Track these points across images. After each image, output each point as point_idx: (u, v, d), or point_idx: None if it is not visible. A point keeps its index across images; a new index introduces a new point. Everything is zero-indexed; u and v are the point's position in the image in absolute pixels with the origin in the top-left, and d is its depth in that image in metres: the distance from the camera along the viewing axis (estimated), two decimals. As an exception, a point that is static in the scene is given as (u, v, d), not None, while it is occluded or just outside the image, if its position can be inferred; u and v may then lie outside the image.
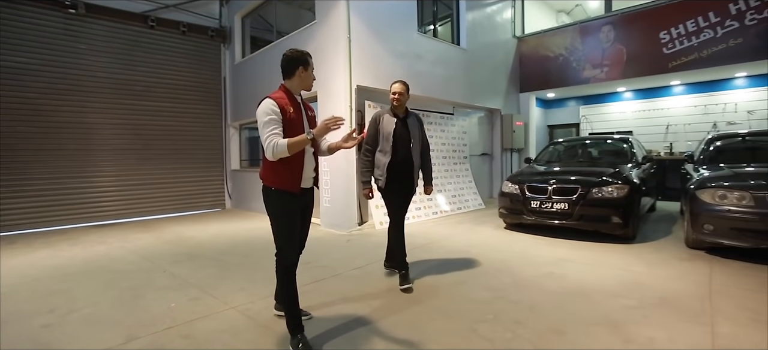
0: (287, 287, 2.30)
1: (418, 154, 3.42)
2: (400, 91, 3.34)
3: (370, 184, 3.42)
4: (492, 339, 2.34)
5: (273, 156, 2.14)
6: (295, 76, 2.36)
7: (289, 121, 2.25)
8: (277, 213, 2.32)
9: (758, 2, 6.77)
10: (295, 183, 2.31)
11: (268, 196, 2.33)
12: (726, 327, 2.43)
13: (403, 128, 3.35)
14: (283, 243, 2.30)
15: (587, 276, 3.46)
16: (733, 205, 3.84)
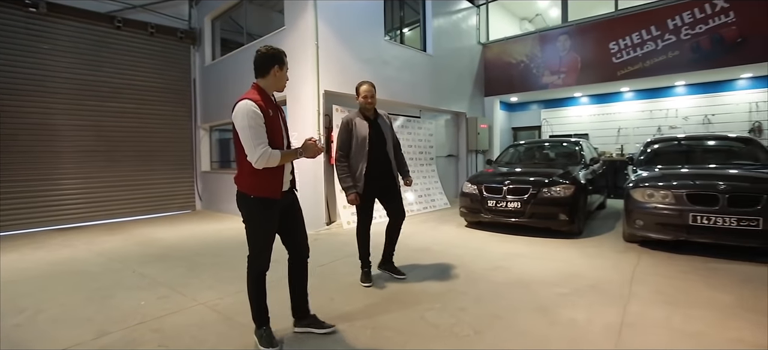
0: (257, 287, 2.32)
1: (392, 152, 3.48)
2: (372, 94, 3.35)
3: (353, 189, 3.30)
4: (437, 324, 2.64)
5: (262, 165, 2.09)
6: (270, 75, 2.28)
7: (269, 124, 2.18)
8: (254, 221, 2.25)
9: (691, 19, 7.47)
10: (276, 190, 2.25)
11: (245, 203, 2.24)
12: (637, 307, 2.83)
13: (377, 130, 3.38)
14: (258, 252, 2.27)
15: (531, 269, 3.84)
16: (658, 203, 4.33)
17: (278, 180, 2.25)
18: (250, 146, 2.08)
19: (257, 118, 2.11)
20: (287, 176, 2.35)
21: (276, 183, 2.24)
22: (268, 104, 2.23)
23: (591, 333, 2.45)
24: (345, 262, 4.17)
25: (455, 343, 2.37)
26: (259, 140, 2.09)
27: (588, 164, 6.19)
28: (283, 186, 2.30)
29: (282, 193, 2.30)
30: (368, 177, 3.31)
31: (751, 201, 3.87)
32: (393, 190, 3.49)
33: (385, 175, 3.42)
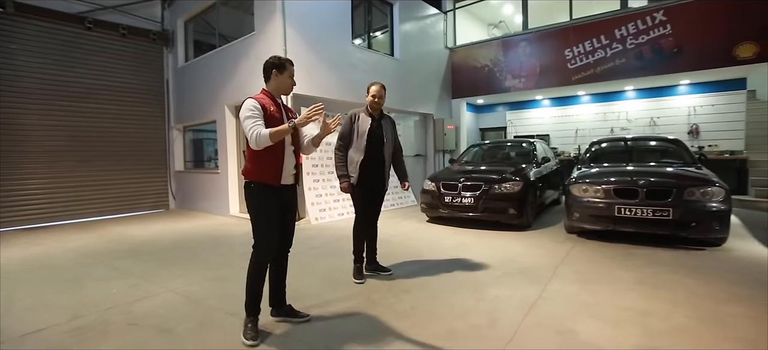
0: (256, 277, 2.46)
1: (389, 155, 3.57)
2: (380, 94, 3.46)
3: (347, 178, 3.46)
4: (381, 303, 3.02)
5: (257, 144, 2.28)
6: (271, 79, 2.55)
7: (270, 117, 2.41)
8: (256, 208, 2.44)
9: (635, 30, 8.14)
10: (275, 176, 2.44)
11: (249, 192, 2.45)
12: (555, 285, 3.29)
13: (378, 129, 3.49)
14: (261, 238, 2.43)
15: (475, 257, 4.27)
16: (591, 197, 4.85)
17: (276, 167, 2.44)
18: (247, 131, 2.32)
19: (254, 111, 2.36)
20: (289, 169, 2.51)
21: (273, 169, 2.43)
22: (271, 103, 2.48)
23: (508, 306, 2.88)
24: (307, 255, 4.50)
25: (391, 316, 2.75)
26: (253, 123, 2.31)
27: (540, 163, 6.70)
28: (282, 175, 2.47)
29: (281, 183, 2.48)
30: (362, 171, 3.41)
31: (664, 194, 4.44)
32: (379, 193, 3.59)
33: (378, 174, 3.51)
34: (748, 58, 7.19)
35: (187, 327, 2.66)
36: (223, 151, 7.58)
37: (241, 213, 7.34)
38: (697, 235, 4.39)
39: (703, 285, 3.24)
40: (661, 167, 5.25)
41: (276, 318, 2.71)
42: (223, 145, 7.56)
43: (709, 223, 4.31)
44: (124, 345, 2.41)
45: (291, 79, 2.61)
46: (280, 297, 2.73)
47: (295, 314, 2.72)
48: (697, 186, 4.41)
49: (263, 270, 2.49)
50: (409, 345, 2.33)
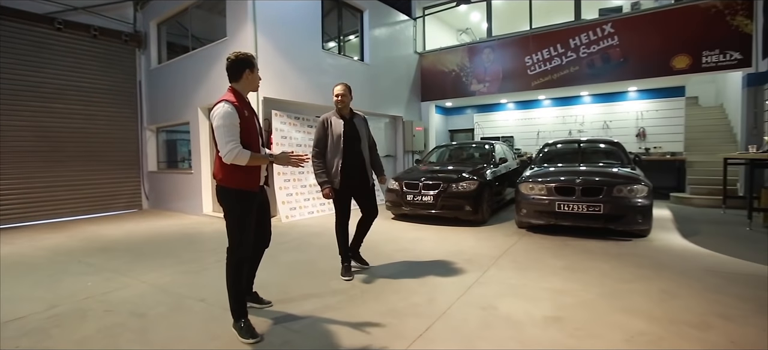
0: (237, 278, 2.47)
1: (367, 151, 3.67)
2: (343, 93, 3.53)
3: (328, 184, 3.53)
4: (337, 289, 3.38)
5: (230, 160, 2.30)
6: (243, 78, 2.47)
7: (244, 124, 2.39)
8: (233, 212, 2.43)
9: (587, 40, 8.81)
10: (255, 183, 2.49)
11: (226, 196, 2.43)
12: (492, 272, 3.75)
13: (352, 129, 3.58)
14: (239, 240, 2.44)
15: (428, 249, 4.71)
16: (536, 194, 5.38)
17: (256, 174, 2.48)
18: (223, 142, 2.29)
19: (232, 118, 2.31)
20: (263, 172, 2.58)
21: (254, 177, 2.47)
22: (243, 105, 2.43)
23: (446, 290, 3.30)
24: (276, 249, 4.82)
25: (343, 299, 3.14)
26: (230, 137, 2.29)
27: (497, 163, 7.22)
28: (260, 179, 2.53)
29: (259, 187, 2.54)
30: (343, 173, 3.51)
31: (596, 191, 5.00)
32: (366, 188, 3.70)
33: (359, 172, 3.60)
34: (683, 68, 7.95)
35: (159, 311, 2.96)
36: (197, 152, 7.77)
37: (215, 212, 7.55)
38: (624, 227, 4.97)
39: (616, 269, 3.77)
40: (598, 167, 5.83)
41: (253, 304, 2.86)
42: (197, 146, 7.75)
43: (633, 217, 4.89)
44: (101, 327, 2.69)
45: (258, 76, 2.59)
46: (248, 286, 2.91)
47: (258, 300, 2.95)
48: (624, 184, 4.99)
49: (243, 271, 2.53)
50: (354, 320, 2.72)
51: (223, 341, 2.44)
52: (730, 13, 7.48)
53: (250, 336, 2.40)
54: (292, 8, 7.23)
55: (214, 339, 2.47)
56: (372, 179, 3.78)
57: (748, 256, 4.13)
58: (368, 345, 2.37)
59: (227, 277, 2.48)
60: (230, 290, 2.48)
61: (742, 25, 7.41)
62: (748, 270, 3.72)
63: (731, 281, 3.39)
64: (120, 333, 2.59)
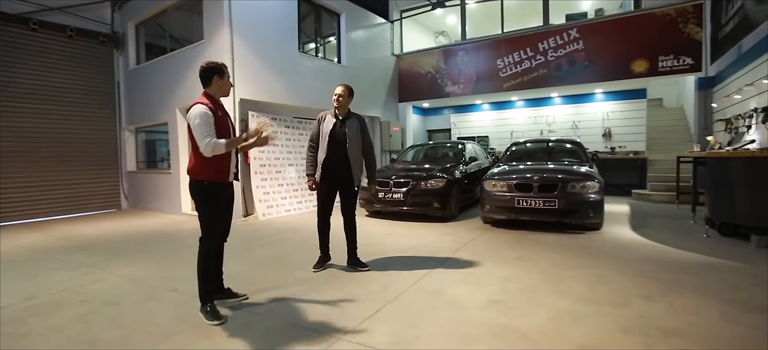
0: (206, 264, 2.73)
1: (356, 153, 3.72)
2: (341, 94, 3.66)
3: (313, 177, 3.75)
4: (304, 279, 3.63)
5: (211, 153, 2.54)
6: (213, 83, 2.74)
7: (219, 121, 2.65)
8: (207, 203, 2.70)
9: (554, 44, 9.24)
10: (225, 175, 2.74)
11: (199, 189, 2.69)
12: (450, 263, 4.05)
13: (341, 129, 3.68)
14: (210, 229, 2.71)
15: (394, 243, 4.99)
16: (498, 191, 5.72)
17: (226, 167, 2.74)
18: (200, 137, 2.54)
19: (207, 117, 2.58)
20: (232, 169, 2.82)
21: (223, 170, 2.73)
22: (216, 107, 2.71)
23: (403, 278, 3.58)
24: (251, 245, 5.04)
25: (307, 288, 3.39)
26: (207, 131, 2.55)
27: (467, 162, 7.56)
28: (230, 174, 2.79)
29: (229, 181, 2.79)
30: (325, 169, 3.66)
31: (551, 188, 5.36)
32: (346, 190, 3.79)
33: (342, 172, 3.69)
34: (641, 72, 8.43)
35: (132, 300, 3.17)
36: (175, 152, 7.88)
37: (194, 211, 7.67)
38: (577, 221, 5.34)
39: (563, 259, 4.11)
40: (557, 165, 6.21)
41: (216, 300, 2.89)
42: (175, 146, 7.87)
43: (585, 211, 5.26)
44: (75, 315, 2.89)
45: (230, 82, 2.86)
46: (218, 281, 3.03)
47: (233, 295, 3.06)
48: (577, 181, 5.36)
49: (210, 260, 2.76)
50: (312, 305, 2.98)
51: (190, 324, 2.67)
52: (683, 21, 7.98)
53: (215, 318, 2.65)
54: (269, 11, 7.42)
55: (181, 322, 2.69)
56: (358, 183, 3.79)
57: (683, 246, 4.54)
58: (322, 324, 2.63)
59: (198, 264, 2.75)
60: (200, 275, 2.74)
61: (693, 32, 7.92)
62: (679, 257, 4.11)
63: (660, 267, 3.77)
64: (93, 320, 2.79)
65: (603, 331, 2.46)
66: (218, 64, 2.78)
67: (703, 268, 3.70)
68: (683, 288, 3.17)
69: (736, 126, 6.08)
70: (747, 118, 5.65)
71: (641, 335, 2.40)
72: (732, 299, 2.93)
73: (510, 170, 6.08)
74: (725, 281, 3.32)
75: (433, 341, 2.38)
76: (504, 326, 2.56)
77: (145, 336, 2.53)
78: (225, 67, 2.82)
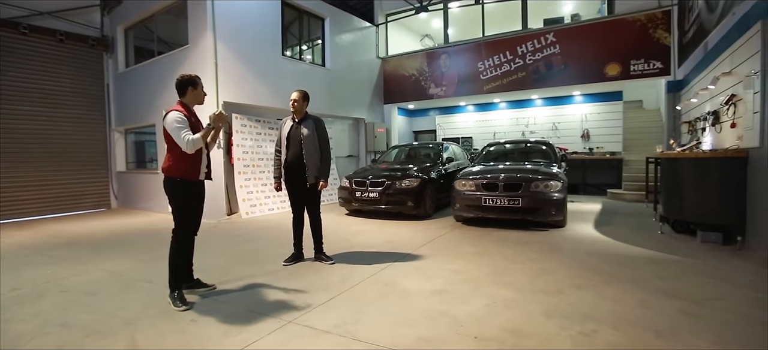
0: (177, 254, 3.05)
1: (311, 152, 3.91)
2: (296, 99, 3.97)
3: (278, 179, 4.09)
4: (273, 272, 3.90)
5: (191, 148, 2.86)
6: (187, 94, 3.11)
7: (193, 127, 3.00)
8: (179, 199, 3.01)
9: (532, 48, 9.54)
10: (196, 173, 3.04)
11: (172, 185, 3.00)
12: (410, 257, 4.32)
13: (297, 130, 3.95)
14: (182, 223, 3.05)
15: (365, 239, 5.27)
16: (467, 190, 6.00)
17: (197, 166, 3.04)
18: (179, 137, 2.87)
19: (182, 121, 2.93)
20: (203, 168, 3.12)
21: (195, 168, 3.04)
22: (190, 114, 3.09)
23: (360, 271, 3.84)
24: (229, 241, 5.31)
25: (273, 279, 3.66)
26: (184, 132, 2.89)
27: (445, 162, 7.84)
28: (200, 173, 3.08)
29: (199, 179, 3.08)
30: (286, 170, 3.97)
31: (516, 187, 5.65)
32: (304, 190, 4.00)
33: (298, 172, 3.93)
34: (614, 75, 8.75)
35: (110, 291, 3.43)
36: (163, 153, 8.10)
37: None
38: (540, 219, 5.62)
39: (517, 254, 4.40)
40: (525, 165, 6.50)
41: (185, 289, 3.19)
42: (163, 147, 8.08)
43: (547, 209, 5.55)
44: (55, 303, 3.15)
45: (203, 91, 3.22)
46: (188, 272, 3.33)
47: (202, 285, 3.34)
48: (541, 180, 5.65)
49: (181, 250, 3.10)
50: (273, 293, 3.25)
51: (158, 310, 2.94)
52: (653, 27, 8.30)
53: (182, 303, 2.95)
54: (252, 17, 7.69)
55: (150, 309, 2.97)
56: (311, 180, 3.94)
57: (634, 242, 4.82)
58: (277, 310, 2.90)
59: (170, 253, 3.07)
60: (171, 264, 3.06)
61: (662, 37, 8.24)
62: (625, 252, 4.40)
63: (604, 261, 4.05)
64: (71, 307, 3.06)
65: (528, 316, 2.75)
66: (192, 77, 3.15)
67: (643, 262, 3.99)
68: (616, 279, 3.46)
69: (697, 128, 6.40)
70: (702, 121, 5.97)
71: (562, 319, 2.69)
72: (655, 288, 3.22)
73: (478, 170, 6.37)
74: (656, 273, 3.61)
75: (371, 324, 2.66)
76: (441, 312, 2.84)
77: (115, 319, 2.81)
78: (198, 79, 3.18)
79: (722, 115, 5.21)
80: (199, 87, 3.16)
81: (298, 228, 4.16)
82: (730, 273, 3.56)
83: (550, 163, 6.68)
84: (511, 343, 2.37)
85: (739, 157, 4.39)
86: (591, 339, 2.41)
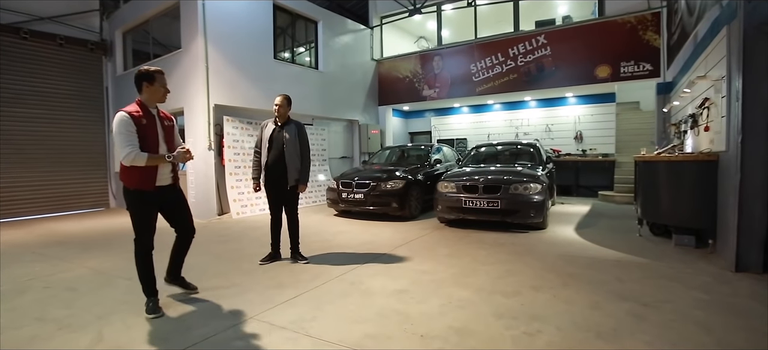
0: (140, 263, 2.89)
1: (292, 156, 4.04)
2: (280, 104, 4.08)
3: (257, 180, 4.18)
4: (249, 270, 4.05)
5: (128, 163, 2.66)
6: (143, 90, 2.79)
7: (143, 131, 2.71)
8: (133, 208, 2.82)
9: (523, 50, 9.59)
10: (148, 183, 2.80)
11: (126, 194, 2.83)
12: (383, 258, 4.43)
13: (280, 134, 4.06)
14: (139, 233, 2.86)
15: (345, 239, 5.40)
16: (448, 192, 6.10)
17: (151, 176, 2.79)
18: (120, 147, 2.64)
19: (127, 126, 2.64)
20: (165, 174, 2.90)
21: (148, 178, 2.79)
22: (144, 114, 2.77)
23: (332, 270, 3.98)
24: (213, 241, 5.47)
25: (247, 278, 3.80)
26: (127, 143, 2.63)
27: (432, 164, 7.93)
28: (156, 181, 2.83)
29: (157, 187, 2.83)
30: (266, 172, 4.07)
31: (495, 189, 5.73)
32: (285, 192, 4.11)
33: (280, 174, 4.05)
34: (605, 77, 8.77)
35: (89, 287, 3.61)
36: (157, 154, 8.33)
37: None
38: (519, 221, 5.70)
39: (488, 255, 4.49)
40: (508, 167, 6.57)
41: (168, 283, 3.27)
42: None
43: (526, 211, 5.62)
44: (36, 299, 3.32)
45: (164, 88, 2.86)
46: (176, 270, 3.31)
47: (186, 285, 3.32)
48: (520, 183, 5.72)
49: (145, 260, 2.89)
50: (243, 291, 3.39)
51: (130, 306, 3.10)
52: (642, 29, 8.30)
53: (152, 312, 2.87)
54: (244, 21, 7.86)
55: (124, 305, 3.13)
56: (291, 183, 4.08)
57: (609, 244, 4.87)
58: (241, 307, 3.04)
59: (136, 265, 2.94)
60: (139, 276, 2.95)
61: (652, 39, 8.24)
62: (596, 254, 4.47)
63: (570, 263, 4.12)
64: (50, 302, 3.24)
65: (478, 316, 2.85)
66: (147, 72, 2.80)
67: (609, 264, 4.06)
68: (576, 281, 3.54)
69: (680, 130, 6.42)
70: (683, 124, 5.99)
71: (510, 319, 2.78)
72: (611, 290, 3.30)
73: (462, 172, 6.46)
74: (618, 275, 3.68)
75: (326, 321, 2.78)
76: (396, 311, 2.95)
77: (88, 314, 2.97)
78: (157, 74, 2.82)
79: (699, 118, 5.24)
80: (157, 83, 2.82)
81: (275, 228, 4.28)
82: (690, 276, 3.62)
83: (535, 165, 6.74)
84: (454, 342, 2.48)
85: (710, 160, 4.44)
86: (533, 339, 2.51)
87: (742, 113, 3.65)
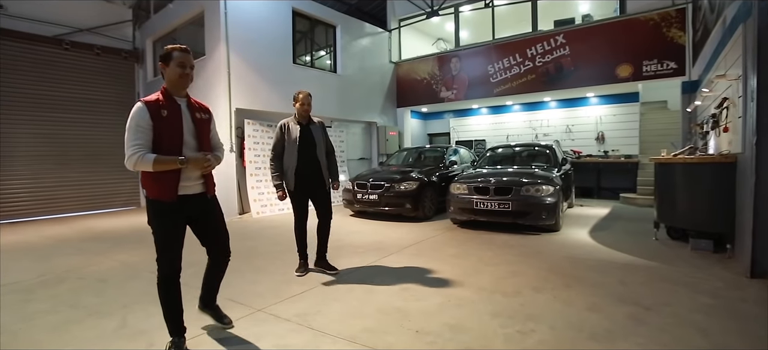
0: (163, 295, 2.29)
1: (323, 156, 3.86)
2: (308, 101, 3.81)
3: (282, 187, 3.76)
4: (261, 268, 4.28)
5: (131, 167, 2.13)
6: (165, 75, 2.27)
7: (162, 124, 2.17)
8: (154, 225, 2.26)
9: (542, 50, 9.48)
10: (167, 192, 2.21)
11: (148, 204, 2.28)
12: (390, 258, 4.56)
13: (308, 134, 3.80)
14: (159, 253, 2.26)
15: (358, 239, 5.56)
16: (461, 193, 6.16)
17: (170, 183, 2.21)
18: (126, 146, 2.12)
19: (140, 120, 2.12)
20: (191, 181, 2.32)
21: (167, 186, 2.21)
22: (166, 103, 2.23)
23: (343, 267, 4.15)
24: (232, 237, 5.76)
25: (259, 273, 4.03)
26: (133, 142, 2.11)
27: (448, 165, 7.98)
28: (179, 189, 2.25)
29: (178, 197, 2.25)
30: (298, 176, 3.73)
31: (506, 191, 5.75)
32: (321, 192, 3.89)
33: (314, 175, 3.80)
34: (626, 77, 8.56)
35: (117, 279, 3.93)
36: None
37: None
38: (531, 222, 5.68)
39: (495, 256, 4.53)
40: (520, 169, 6.55)
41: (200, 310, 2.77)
42: (184, 149, 8.79)
43: (538, 213, 5.60)
44: (70, 288, 3.66)
45: (180, 68, 2.24)
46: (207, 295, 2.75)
47: (219, 316, 2.72)
48: (532, 185, 5.71)
49: (170, 287, 2.32)
50: (253, 286, 3.61)
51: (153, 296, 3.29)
52: (666, 26, 8.06)
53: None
54: (264, 28, 8.20)
55: (146, 296, 3.39)
56: (328, 184, 3.93)
57: (622, 248, 4.79)
58: (253, 299, 3.25)
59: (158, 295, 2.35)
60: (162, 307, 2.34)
61: (676, 36, 7.98)
62: (604, 257, 4.43)
63: (576, 265, 4.12)
64: (82, 290, 3.56)
65: (475, 314, 2.93)
66: (165, 50, 2.29)
67: (615, 267, 4.03)
68: (579, 283, 3.55)
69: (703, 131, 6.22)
70: (706, 124, 5.80)
71: (506, 318, 2.85)
72: (612, 293, 3.30)
73: (473, 173, 6.50)
74: (622, 278, 3.66)
75: (329, 315, 2.95)
76: (396, 308, 3.07)
77: (115, 302, 3.26)
78: (174, 51, 2.26)
79: (719, 118, 5.08)
80: (173, 63, 2.24)
81: (303, 233, 3.96)
82: (700, 280, 3.56)
83: (551, 167, 6.69)
84: (448, 338, 2.58)
85: (727, 162, 4.32)
86: (525, 337, 2.57)
87: (757, 113, 3.56)
